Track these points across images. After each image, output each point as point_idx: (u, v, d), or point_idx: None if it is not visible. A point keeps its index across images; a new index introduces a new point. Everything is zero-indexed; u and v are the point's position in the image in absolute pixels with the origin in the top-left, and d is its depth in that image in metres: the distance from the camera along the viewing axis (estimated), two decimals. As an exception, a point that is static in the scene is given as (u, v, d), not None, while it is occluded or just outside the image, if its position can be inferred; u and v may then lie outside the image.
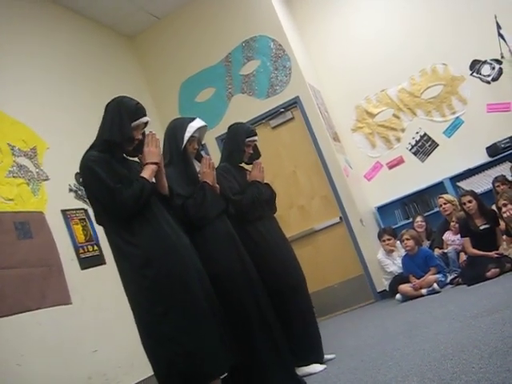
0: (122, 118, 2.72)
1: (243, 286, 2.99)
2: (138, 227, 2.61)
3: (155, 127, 3.21)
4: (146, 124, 2.82)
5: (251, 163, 3.80)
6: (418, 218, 5.97)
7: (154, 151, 2.75)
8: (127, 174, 2.70)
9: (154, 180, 2.76)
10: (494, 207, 5.11)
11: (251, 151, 3.73)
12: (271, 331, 3.03)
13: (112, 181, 2.57)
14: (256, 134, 3.78)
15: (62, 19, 5.75)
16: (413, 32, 6.59)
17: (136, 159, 2.90)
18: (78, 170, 4.91)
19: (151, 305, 2.55)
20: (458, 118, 6.40)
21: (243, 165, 3.83)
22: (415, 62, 6.55)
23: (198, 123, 3.23)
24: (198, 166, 3.27)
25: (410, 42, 6.59)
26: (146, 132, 2.83)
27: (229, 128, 3.81)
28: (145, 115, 2.79)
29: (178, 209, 2.96)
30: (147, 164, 2.72)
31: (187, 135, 3.15)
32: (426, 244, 5.73)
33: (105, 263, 4.84)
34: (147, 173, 2.69)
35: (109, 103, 2.83)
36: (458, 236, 5.21)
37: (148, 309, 2.57)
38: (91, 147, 2.77)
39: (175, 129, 3.18)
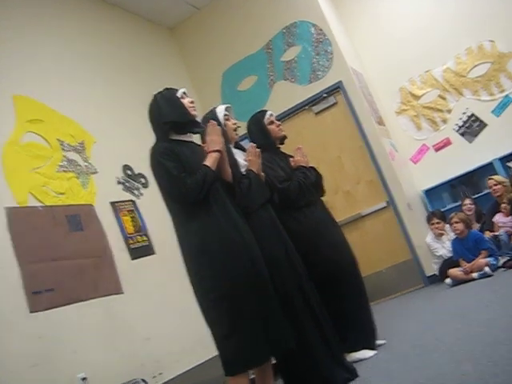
0: (165, 100, 2.93)
1: (286, 272, 3.00)
2: (197, 217, 2.73)
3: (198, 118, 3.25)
4: (186, 94, 3.00)
5: (282, 143, 3.79)
6: (467, 201, 5.85)
7: (215, 139, 2.89)
8: (194, 160, 2.82)
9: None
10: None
11: (278, 128, 3.70)
12: (316, 317, 3.03)
13: (177, 170, 2.71)
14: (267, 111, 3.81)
15: (105, 14, 5.84)
16: (457, 9, 6.40)
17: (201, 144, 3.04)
18: (124, 163, 5.10)
19: (206, 291, 2.68)
20: (507, 96, 6.20)
21: (285, 151, 3.82)
22: (460, 40, 6.37)
23: (222, 106, 3.37)
24: (243, 154, 3.29)
25: (454, 19, 6.40)
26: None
27: (247, 127, 3.81)
28: (177, 90, 2.99)
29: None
30: (210, 152, 2.86)
31: (220, 116, 3.26)
32: (477, 227, 5.61)
33: (154, 253, 4.93)
34: (210, 161, 2.82)
35: (149, 108, 3.00)
36: (510, 218, 5.09)
37: (203, 294, 2.70)
38: (157, 142, 2.92)
39: (209, 119, 3.20)
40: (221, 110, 3.30)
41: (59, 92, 4.75)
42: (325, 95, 6.25)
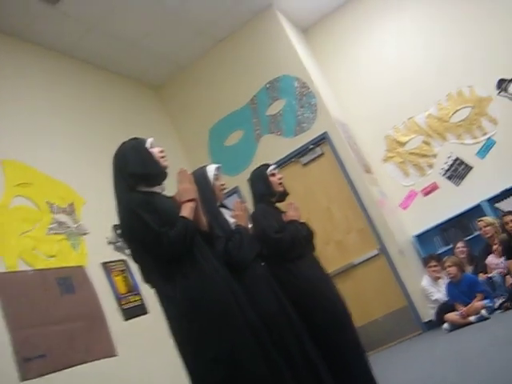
0: (133, 151, 2.76)
1: (284, 327, 2.97)
2: (182, 271, 2.52)
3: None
4: (153, 144, 2.80)
5: (283, 200, 3.82)
6: (460, 244, 5.86)
7: (188, 188, 2.69)
8: (169, 211, 2.62)
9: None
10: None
11: (279, 181, 3.74)
12: (318, 372, 2.98)
13: (156, 224, 2.50)
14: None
15: (89, 75, 5.95)
16: (435, 57, 6.60)
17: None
18: (114, 222, 5.05)
19: (201, 350, 2.46)
20: (489, 138, 6.32)
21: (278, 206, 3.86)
22: (440, 87, 6.53)
23: (212, 166, 3.35)
24: (228, 212, 3.31)
25: (434, 67, 6.58)
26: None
27: (249, 179, 3.84)
28: (145, 140, 2.80)
29: (220, 250, 2.97)
30: (184, 202, 2.65)
31: (210, 175, 3.24)
32: (469, 270, 5.60)
33: (147, 313, 4.86)
34: (186, 211, 2.60)
35: (114, 158, 2.84)
36: (502, 259, 5.09)
37: (197, 354, 2.47)
38: (128, 191, 2.69)
39: (198, 177, 3.21)
40: (211, 169, 3.32)
41: (47, 154, 4.78)
42: (311, 146, 6.33)
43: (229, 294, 2.61)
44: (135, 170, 2.68)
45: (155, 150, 2.77)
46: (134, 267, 4.90)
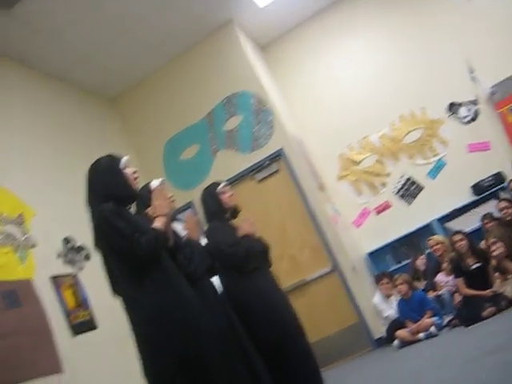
0: (108, 171, 2.80)
1: (231, 343, 2.97)
2: (151, 277, 2.62)
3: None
4: (126, 164, 2.88)
5: (235, 217, 3.84)
6: (422, 256, 5.97)
7: (163, 204, 2.84)
8: (140, 221, 2.75)
9: None
10: (482, 244, 5.16)
11: (230, 199, 3.76)
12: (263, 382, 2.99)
13: (130, 230, 2.61)
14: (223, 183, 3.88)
15: (43, 85, 5.81)
16: (389, 79, 6.76)
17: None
18: (65, 235, 4.94)
19: (167, 356, 2.53)
20: (440, 159, 6.49)
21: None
22: (394, 108, 6.69)
23: (156, 180, 3.35)
24: (180, 224, 3.30)
25: (388, 88, 6.74)
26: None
27: (200, 198, 3.88)
28: (120, 159, 2.87)
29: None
30: (157, 216, 2.79)
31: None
32: (423, 284, 5.71)
33: (96, 328, 4.75)
34: (159, 223, 2.75)
35: (90, 175, 2.86)
36: (451, 277, 5.20)
37: (163, 361, 2.54)
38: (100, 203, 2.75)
39: (144, 192, 3.20)
40: (155, 184, 3.31)
41: (-4, 164, 4.64)
42: (267, 163, 6.35)
43: (194, 302, 2.71)
44: (107, 191, 2.77)
45: (129, 171, 2.87)
46: (84, 281, 4.82)
